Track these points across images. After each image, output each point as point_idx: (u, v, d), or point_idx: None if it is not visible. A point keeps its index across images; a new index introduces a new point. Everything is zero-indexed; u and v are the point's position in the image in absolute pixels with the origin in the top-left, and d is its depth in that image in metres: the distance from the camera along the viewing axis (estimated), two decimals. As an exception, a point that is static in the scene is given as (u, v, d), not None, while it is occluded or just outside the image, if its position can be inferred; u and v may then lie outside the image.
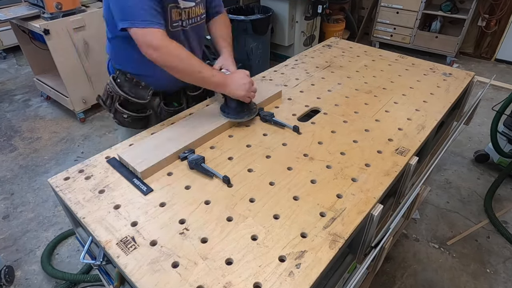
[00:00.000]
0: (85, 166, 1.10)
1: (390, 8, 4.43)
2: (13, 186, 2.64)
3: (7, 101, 3.78)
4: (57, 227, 2.28)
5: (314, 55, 1.88)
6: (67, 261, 2.08)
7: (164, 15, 1.21)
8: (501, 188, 2.51)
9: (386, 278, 1.96)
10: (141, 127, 1.42)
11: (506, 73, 4.17)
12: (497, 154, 2.53)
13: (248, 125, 1.30)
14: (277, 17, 3.92)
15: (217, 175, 1.03)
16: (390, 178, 1.04)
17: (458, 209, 2.39)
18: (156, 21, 1.15)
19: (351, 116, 1.35)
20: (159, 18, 1.17)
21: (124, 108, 1.39)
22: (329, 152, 1.15)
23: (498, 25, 4.23)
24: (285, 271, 0.77)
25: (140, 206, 0.95)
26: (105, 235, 0.86)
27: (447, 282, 1.93)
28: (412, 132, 1.25)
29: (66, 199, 0.98)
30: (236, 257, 0.80)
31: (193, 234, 0.86)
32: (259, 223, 0.89)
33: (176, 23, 1.30)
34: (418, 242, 2.16)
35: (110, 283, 1.04)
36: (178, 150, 1.11)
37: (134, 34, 1.14)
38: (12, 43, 4.59)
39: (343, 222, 0.89)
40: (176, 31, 1.30)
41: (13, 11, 2.90)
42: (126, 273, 0.77)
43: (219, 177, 1.02)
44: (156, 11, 1.16)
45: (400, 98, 1.47)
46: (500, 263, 2.03)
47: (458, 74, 1.67)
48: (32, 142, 3.14)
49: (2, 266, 1.93)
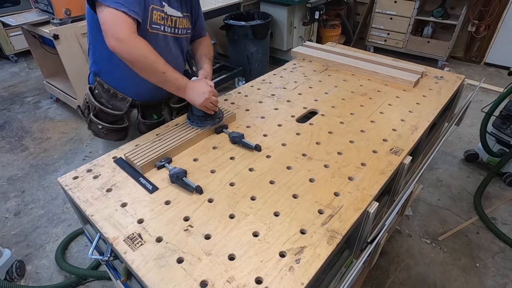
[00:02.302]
0: (93, 165, 1.10)
1: (384, 14, 4.43)
2: (24, 184, 2.64)
3: (18, 103, 3.77)
4: (66, 224, 2.28)
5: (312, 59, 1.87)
6: (76, 255, 2.07)
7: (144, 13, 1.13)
8: (490, 186, 2.51)
9: (380, 272, 1.96)
10: (117, 139, 1.37)
11: (495, 76, 4.17)
12: (486, 153, 2.53)
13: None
14: (276, 23, 3.92)
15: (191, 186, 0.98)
16: (385, 176, 1.04)
17: (449, 206, 2.39)
18: (131, 7, 1.03)
19: (348, 118, 1.34)
20: (136, 5, 1.06)
21: (98, 119, 1.32)
22: (327, 152, 1.14)
23: (487, 31, 4.23)
24: (286, 266, 0.77)
25: (146, 204, 0.94)
26: (113, 232, 0.86)
27: (438, 276, 1.93)
28: (406, 132, 1.25)
29: (75, 198, 0.97)
30: (239, 252, 0.80)
31: (197, 231, 0.86)
32: (260, 220, 0.89)
33: (157, 26, 1.20)
34: (411, 237, 2.16)
35: (117, 278, 1.04)
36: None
37: (103, 15, 1.02)
38: (23, 48, 4.59)
39: (341, 219, 0.89)
40: (154, 33, 1.20)
41: (24, 17, 2.90)
42: (133, 268, 0.77)
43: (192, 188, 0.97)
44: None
45: (394, 100, 1.47)
46: (489, 258, 2.03)
47: (449, 77, 1.67)
48: (42, 142, 3.13)
49: (13, 260, 1.93)
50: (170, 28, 1.26)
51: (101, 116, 1.33)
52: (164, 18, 1.22)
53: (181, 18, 1.28)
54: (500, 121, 2.48)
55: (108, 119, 1.33)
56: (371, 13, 4.55)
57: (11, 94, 3.94)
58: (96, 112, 1.33)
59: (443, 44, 4.22)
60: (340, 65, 1.76)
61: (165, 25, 1.23)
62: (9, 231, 2.24)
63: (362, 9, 4.97)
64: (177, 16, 1.26)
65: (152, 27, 1.19)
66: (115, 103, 1.33)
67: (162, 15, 1.20)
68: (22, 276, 1.96)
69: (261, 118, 1.35)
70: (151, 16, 1.17)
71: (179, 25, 1.29)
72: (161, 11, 1.19)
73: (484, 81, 2.18)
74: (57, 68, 3.38)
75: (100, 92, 1.32)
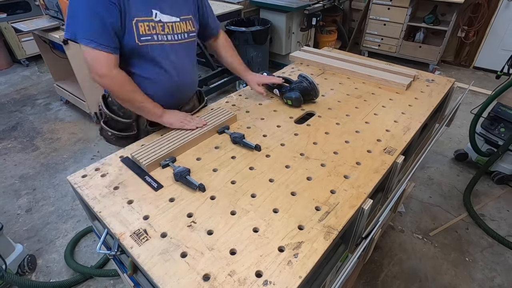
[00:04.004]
0: (101, 164, 1.10)
1: (378, 21, 4.42)
2: (35, 182, 2.64)
3: (29, 105, 3.77)
4: (75, 220, 2.28)
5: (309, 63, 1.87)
6: (84, 250, 2.07)
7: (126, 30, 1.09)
8: (479, 184, 2.51)
9: (374, 266, 1.95)
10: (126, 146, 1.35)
11: (483, 80, 4.17)
12: (475, 153, 2.53)
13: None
14: (275, 29, 3.91)
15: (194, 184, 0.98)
16: (379, 175, 1.04)
17: (440, 203, 2.39)
18: (104, 43, 1.05)
19: (343, 119, 1.34)
20: (108, 38, 1.05)
21: (108, 126, 1.33)
22: (323, 152, 1.14)
23: (476, 36, 4.23)
24: (284, 260, 0.77)
25: (151, 201, 0.94)
26: (120, 227, 0.86)
27: (429, 270, 1.93)
28: (399, 133, 1.25)
29: (83, 195, 0.97)
30: (239, 247, 0.80)
31: (200, 226, 0.86)
32: (260, 217, 0.89)
33: (147, 37, 1.13)
34: (403, 233, 2.16)
35: (124, 272, 1.04)
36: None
37: (83, 52, 1.06)
38: (34, 52, 4.58)
39: (337, 215, 0.89)
40: (146, 45, 1.14)
41: (35, 23, 2.90)
42: (139, 262, 0.77)
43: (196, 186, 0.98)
44: (109, 30, 1.04)
45: (387, 102, 1.47)
46: (478, 252, 2.03)
47: (440, 81, 1.67)
48: (53, 142, 3.13)
49: (25, 255, 1.93)
50: (164, 36, 1.18)
51: (111, 124, 1.33)
52: (155, 27, 1.14)
53: (178, 22, 1.20)
54: (488, 122, 2.48)
55: (118, 126, 1.33)
56: (366, 20, 4.54)
57: (23, 97, 3.94)
58: (107, 119, 1.33)
59: (434, 49, 4.22)
60: (336, 69, 1.76)
61: (158, 34, 1.16)
62: (21, 227, 2.24)
63: (357, 15, 4.96)
64: (173, 21, 1.19)
65: (141, 40, 1.12)
66: (126, 111, 1.31)
67: (152, 24, 1.13)
68: (33, 270, 1.96)
69: (261, 119, 1.34)
70: (137, 29, 1.10)
71: (177, 30, 1.21)
72: (149, 21, 1.12)
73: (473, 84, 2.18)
74: (66, 72, 3.38)
75: (112, 99, 1.32)
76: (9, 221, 2.27)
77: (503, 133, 2.39)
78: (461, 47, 4.42)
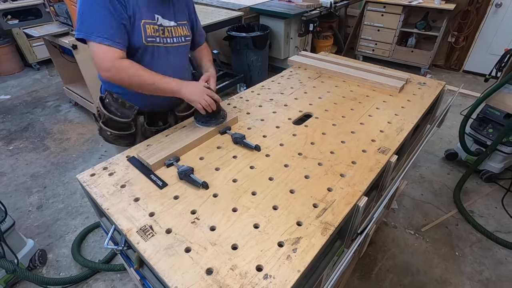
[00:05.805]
0: (109, 164, 1.10)
1: (372, 26, 4.42)
2: (46, 180, 2.63)
3: (40, 107, 3.77)
4: (84, 216, 2.28)
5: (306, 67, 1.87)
6: (92, 245, 2.07)
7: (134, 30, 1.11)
8: (468, 182, 2.51)
9: (369, 260, 1.95)
10: (126, 145, 1.35)
11: (472, 83, 4.17)
12: (465, 152, 2.53)
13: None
14: (274, 34, 3.91)
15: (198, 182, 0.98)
16: (373, 173, 1.04)
17: (431, 200, 2.39)
18: (113, 39, 1.05)
19: (339, 120, 1.34)
20: (118, 35, 1.06)
21: (107, 126, 1.31)
22: (321, 152, 1.14)
23: (465, 41, 4.22)
24: (283, 255, 0.77)
25: (156, 198, 0.94)
26: (127, 224, 0.86)
27: (421, 264, 1.93)
28: (392, 134, 1.25)
29: (92, 193, 0.97)
30: (241, 243, 0.80)
31: (203, 223, 0.86)
32: (260, 213, 0.88)
33: (152, 38, 1.17)
34: (396, 229, 2.16)
35: (130, 266, 1.04)
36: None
37: (91, 49, 1.05)
38: (45, 57, 4.59)
39: (333, 212, 0.89)
40: (151, 46, 1.18)
41: (46, 29, 2.89)
42: (145, 257, 0.77)
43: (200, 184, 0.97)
44: (116, 26, 1.05)
45: (381, 104, 1.47)
46: (467, 247, 2.03)
47: (431, 84, 1.67)
48: (62, 142, 3.13)
49: (36, 249, 1.93)
50: (165, 39, 1.22)
51: (110, 124, 1.32)
52: (158, 30, 1.18)
53: (175, 26, 1.24)
54: (477, 123, 2.49)
55: (116, 126, 1.32)
56: (360, 25, 4.54)
57: (34, 99, 3.94)
58: (105, 120, 1.32)
59: (425, 53, 4.22)
60: (332, 73, 1.76)
61: (160, 37, 1.19)
62: (32, 223, 2.24)
63: (352, 21, 4.96)
64: (172, 25, 1.23)
65: (147, 40, 1.16)
66: (123, 111, 1.31)
67: (156, 27, 1.17)
68: (44, 264, 1.95)
69: (261, 121, 1.34)
70: (145, 30, 1.14)
71: (175, 34, 1.25)
72: (153, 24, 1.16)
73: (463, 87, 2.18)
74: (75, 75, 3.38)
75: (110, 101, 1.30)
76: (21, 217, 2.27)
77: (491, 134, 2.39)
78: (452, 51, 4.42)
